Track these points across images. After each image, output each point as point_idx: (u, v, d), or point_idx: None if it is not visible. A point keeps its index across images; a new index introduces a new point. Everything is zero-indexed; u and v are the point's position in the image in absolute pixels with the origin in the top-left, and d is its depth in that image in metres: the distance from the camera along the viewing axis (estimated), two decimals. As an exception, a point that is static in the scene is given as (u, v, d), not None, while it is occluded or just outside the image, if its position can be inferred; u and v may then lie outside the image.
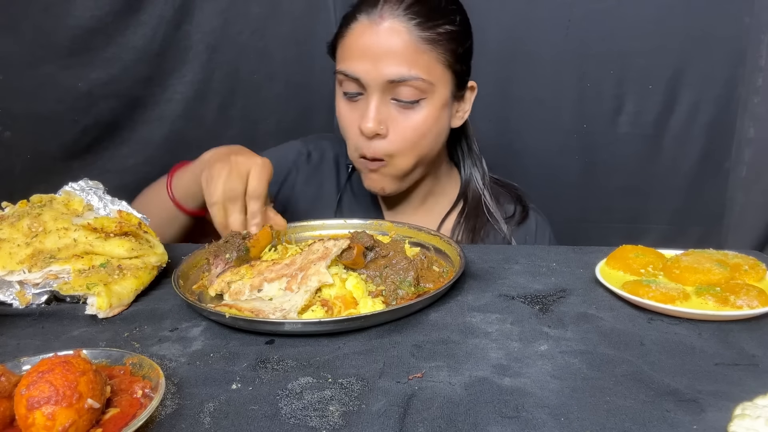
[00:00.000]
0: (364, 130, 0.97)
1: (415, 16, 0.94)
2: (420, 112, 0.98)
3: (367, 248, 0.78)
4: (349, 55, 0.98)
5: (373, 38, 0.95)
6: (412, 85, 0.95)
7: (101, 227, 0.80)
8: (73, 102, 1.13)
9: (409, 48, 0.94)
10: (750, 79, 1.45)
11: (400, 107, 0.98)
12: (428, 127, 1.00)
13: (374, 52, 0.95)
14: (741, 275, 0.74)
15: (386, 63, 0.94)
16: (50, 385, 0.44)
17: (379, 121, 0.97)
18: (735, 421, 0.48)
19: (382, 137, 0.98)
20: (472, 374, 0.57)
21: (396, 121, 0.98)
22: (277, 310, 0.68)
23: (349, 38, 0.98)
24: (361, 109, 0.99)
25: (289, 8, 1.37)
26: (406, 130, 0.98)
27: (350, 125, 1.01)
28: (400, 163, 1.01)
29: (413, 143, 1.00)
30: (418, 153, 1.01)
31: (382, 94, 0.97)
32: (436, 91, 0.98)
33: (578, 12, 1.45)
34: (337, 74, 1.01)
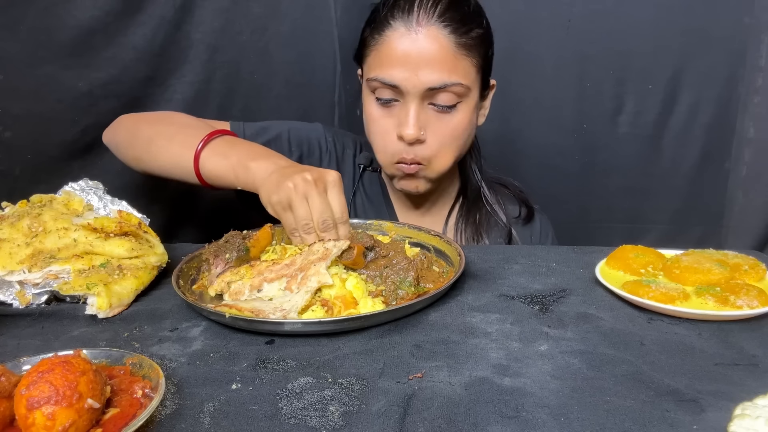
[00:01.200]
0: (406, 137, 0.97)
1: (450, 23, 0.94)
2: (456, 115, 0.99)
3: (367, 248, 0.78)
4: (386, 63, 0.97)
5: (411, 45, 0.94)
6: (451, 91, 0.96)
7: (101, 227, 0.80)
8: (73, 102, 1.13)
9: (447, 55, 0.94)
10: (750, 79, 1.45)
11: (437, 112, 0.98)
12: (464, 129, 1.01)
13: (413, 60, 0.94)
14: (741, 275, 0.74)
15: (426, 70, 0.94)
16: (50, 385, 0.44)
17: (419, 127, 0.97)
18: (735, 421, 0.48)
19: (421, 142, 0.99)
20: (472, 374, 0.57)
21: (434, 126, 0.99)
22: (277, 310, 0.68)
23: (384, 45, 0.97)
24: (396, 116, 0.99)
25: (289, 8, 1.37)
26: (444, 135, 0.99)
27: (386, 131, 1.01)
28: (438, 165, 1.02)
29: (451, 146, 1.01)
30: (454, 154, 1.03)
31: (420, 101, 0.97)
32: (471, 94, 0.99)
33: (578, 12, 1.45)
34: (370, 82, 1.00)
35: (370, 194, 1.18)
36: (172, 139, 0.99)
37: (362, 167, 1.16)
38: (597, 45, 1.46)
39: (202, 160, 0.94)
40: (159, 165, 1.00)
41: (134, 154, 1.03)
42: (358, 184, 1.17)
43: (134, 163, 1.04)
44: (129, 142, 1.04)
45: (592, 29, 1.45)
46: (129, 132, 1.06)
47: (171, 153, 0.98)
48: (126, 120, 1.08)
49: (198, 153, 0.94)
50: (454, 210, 1.16)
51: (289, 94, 1.41)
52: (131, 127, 1.06)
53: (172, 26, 1.26)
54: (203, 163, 0.93)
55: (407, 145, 0.99)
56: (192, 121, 1.04)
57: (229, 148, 0.94)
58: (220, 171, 0.92)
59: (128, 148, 1.04)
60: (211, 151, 0.94)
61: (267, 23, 1.36)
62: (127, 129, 1.06)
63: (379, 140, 1.03)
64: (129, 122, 1.07)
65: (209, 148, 0.94)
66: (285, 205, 0.81)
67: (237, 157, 0.91)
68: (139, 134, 1.03)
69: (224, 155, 0.93)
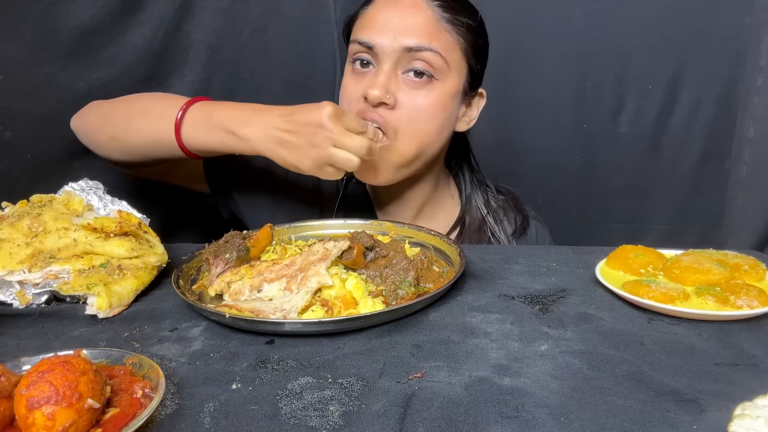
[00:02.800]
0: (370, 96, 0.93)
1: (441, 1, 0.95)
2: (430, 93, 0.96)
3: (367, 248, 0.78)
4: (368, 25, 0.97)
5: (394, 11, 0.95)
6: (426, 59, 0.94)
7: (101, 227, 0.80)
8: (74, 102, 1.13)
9: (430, 22, 0.94)
10: (750, 79, 1.45)
11: (410, 85, 0.95)
12: (435, 112, 0.97)
13: (395, 25, 0.94)
14: (741, 275, 0.74)
15: (406, 33, 0.93)
16: (50, 385, 0.44)
17: (387, 89, 0.93)
18: (735, 421, 0.48)
19: (389, 108, 0.94)
20: (472, 374, 0.57)
21: (403, 97, 0.95)
22: (278, 311, 0.68)
23: (370, 11, 0.98)
24: (367, 80, 0.96)
25: (289, 8, 1.37)
26: (413, 108, 0.95)
27: (353, 95, 0.97)
28: (402, 146, 0.96)
29: (418, 124, 0.96)
30: (420, 139, 0.97)
31: (394, 66, 0.95)
32: (449, 76, 0.97)
33: (578, 12, 1.45)
34: (350, 45, 0.99)
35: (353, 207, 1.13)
36: (149, 111, 0.96)
37: (345, 179, 1.10)
38: (597, 45, 1.46)
39: (184, 128, 0.91)
40: (137, 141, 0.97)
41: (110, 134, 0.99)
42: (342, 197, 1.12)
43: (109, 144, 1.00)
44: (101, 124, 1.01)
45: (592, 29, 1.45)
46: (101, 113, 1.03)
47: (150, 125, 0.94)
48: (96, 104, 1.05)
49: (179, 121, 0.91)
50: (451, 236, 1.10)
51: (289, 94, 1.41)
52: (104, 109, 1.03)
53: (172, 26, 1.26)
54: (185, 130, 0.91)
55: (371, 107, 0.94)
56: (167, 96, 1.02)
57: (210, 111, 0.91)
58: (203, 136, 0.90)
59: (100, 129, 1.01)
60: (191, 116, 0.91)
61: (267, 23, 1.36)
62: (98, 111, 1.03)
63: (343, 102, 1.00)
64: (101, 105, 1.04)
65: (189, 114, 0.91)
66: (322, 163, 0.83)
67: (221, 120, 0.89)
68: (113, 114, 1.00)
69: (204, 120, 0.90)
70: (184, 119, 0.91)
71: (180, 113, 0.91)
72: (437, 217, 1.13)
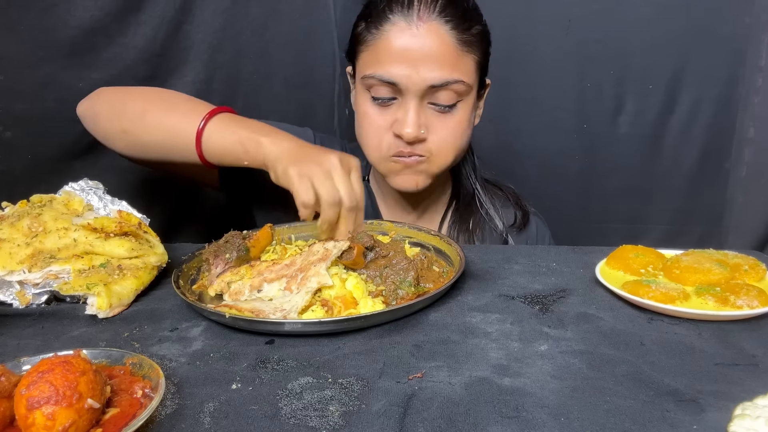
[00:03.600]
0: (406, 136, 0.94)
1: (452, 18, 0.92)
2: (456, 115, 0.97)
3: (367, 248, 0.78)
4: (384, 59, 0.93)
5: (412, 40, 0.91)
6: (452, 89, 0.94)
7: (101, 227, 0.80)
8: (74, 102, 1.13)
9: (449, 51, 0.92)
10: (750, 79, 1.45)
11: (437, 111, 0.96)
12: (464, 128, 0.99)
13: (414, 56, 0.91)
14: (741, 275, 0.74)
15: (428, 67, 0.91)
16: (50, 385, 0.44)
17: (419, 125, 0.94)
18: (735, 421, 0.48)
19: (422, 141, 0.96)
20: (472, 374, 0.57)
21: (434, 126, 0.96)
22: (278, 311, 0.68)
23: (382, 40, 0.93)
24: (394, 114, 0.96)
25: (289, 8, 1.37)
26: (445, 134, 0.97)
27: (380, 128, 0.97)
28: (440, 161, 0.99)
29: (453, 146, 0.99)
30: (455, 154, 1.00)
31: (420, 100, 0.94)
32: (471, 93, 0.98)
33: (578, 12, 1.45)
34: (366, 79, 0.95)
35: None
36: (171, 110, 0.94)
37: None
38: (597, 45, 1.46)
39: (207, 133, 0.89)
40: (151, 139, 0.94)
41: (122, 126, 0.96)
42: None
43: (120, 137, 0.97)
44: (114, 114, 0.98)
45: (592, 29, 1.45)
46: (114, 103, 0.99)
47: (169, 125, 0.92)
48: (109, 92, 1.01)
49: (203, 127, 0.89)
50: (447, 216, 1.13)
51: (289, 94, 1.41)
52: (117, 98, 1.00)
53: (172, 26, 1.26)
54: (208, 136, 0.89)
55: (407, 144, 0.96)
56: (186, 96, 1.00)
57: (236, 123, 0.90)
58: (226, 145, 0.88)
59: (112, 119, 0.98)
60: (216, 124, 0.90)
61: (267, 23, 1.36)
62: (111, 100, 1.00)
63: (372, 137, 0.99)
64: (113, 94, 1.01)
65: (214, 122, 0.90)
66: (304, 177, 0.80)
67: (247, 132, 0.88)
68: (128, 105, 0.97)
69: (232, 129, 0.89)
70: (209, 124, 0.90)
71: (204, 119, 0.90)
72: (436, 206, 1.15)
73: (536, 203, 1.21)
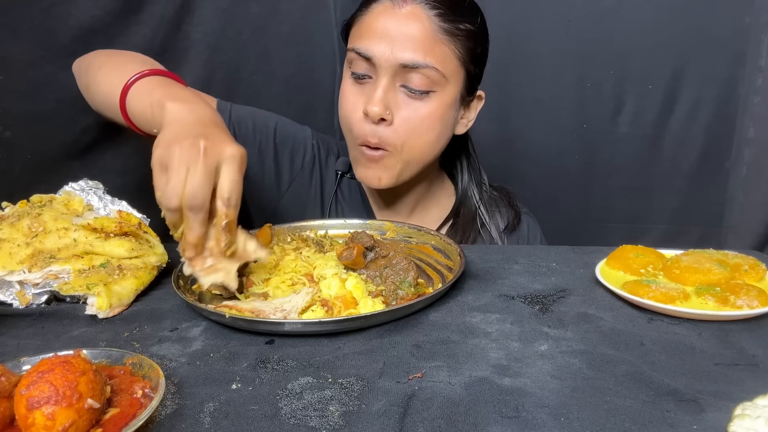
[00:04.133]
0: (370, 112, 0.94)
1: (438, 6, 0.93)
2: (428, 104, 0.96)
3: (367, 248, 0.78)
4: (365, 34, 0.95)
5: (392, 20, 0.93)
6: (424, 74, 0.93)
7: (101, 227, 0.80)
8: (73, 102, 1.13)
9: (427, 35, 0.92)
10: (750, 79, 1.45)
11: (408, 96, 0.95)
12: (434, 122, 0.97)
13: (391, 35, 0.92)
14: (741, 275, 0.74)
15: (402, 46, 0.92)
16: (50, 385, 0.44)
17: (385, 105, 0.94)
18: (735, 421, 0.48)
19: (387, 123, 0.95)
20: (472, 374, 0.57)
21: (402, 110, 0.95)
22: (278, 311, 0.68)
23: (368, 17, 0.96)
24: (367, 93, 0.96)
25: (289, 8, 1.37)
26: (412, 120, 0.96)
27: (354, 109, 0.98)
28: (405, 155, 0.98)
29: (418, 135, 0.97)
30: (420, 148, 0.99)
31: (392, 79, 0.94)
32: (447, 86, 0.96)
33: (578, 12, 1.45)
34: (348, 52, 0.98)
35: (349, 203, 1.14)
36: (117, 69, 0.90)
37: (339, 173, 1.12)
38: (597, 45, 1.46)
39: (130, 94, 0.83)
40: (97, 95, 0.94)
41: (85, 82, 0.98)
42: (336, 192, 1.13)
43: (85, 94, 1.00)
44: (85, 69, 1.00)
45: (592, 29, 1.45)
46: (91, 62, 1.00)
47: (108, 82, 0.90)
48: (96, 52, 1.02)
49: (128, 86, 0.83)
50: (443, 228, 1.12)
51: (289, 94, 1.42)
52: (95, 56, 1.01)
53: (172, 26, 1.26)
54: (130, 97, 0.83)
55: (372, 125, 0.95)
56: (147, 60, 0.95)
57: (159, 86, 0.82)
58: (140, 107, 0.82)
59: (83, 75, 1.00)
60: (141, 86, 0.83)
61: (267, 23, 1.36)
62: (91, 58, 1.01)
63: (346, 119, 1.00)
64: (97, 54, 1.02)
65: (141, 83, 0.83)
66: (162, 166, 0.66)
67: (160, 96, 0.77)
68: (94, 62, 0.98)
69: (150, 92, 0.81)
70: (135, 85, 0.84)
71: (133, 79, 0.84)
72: (430, 212, 1.14)
73: (536, 203, 1.21)
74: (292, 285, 0.75)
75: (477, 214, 1.11)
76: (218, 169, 0.66)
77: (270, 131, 1.09)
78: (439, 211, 1.14)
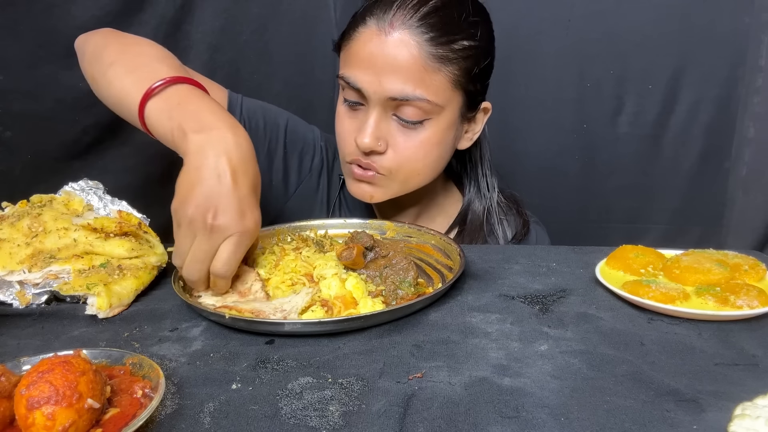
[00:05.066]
0: (360, 145, 0.91)
1: (429, 30, 0.87)
2: (422, 132, 0.92)
3: (367, 248, 0.78)
4: (353, 62, 0.91)
5: (378, 48, 0.88)
6: (415, 106, 0.89)
7: (101, 227, 0.80)
8: (73, 102, 1.13)
9: (416, 65, 0.87)
10: (750, 79, 1.45)
11: (401, 126, 0.92)
12: (431, 147, 0.94)
13: (378, 65, 0.88)
14: (741, 275, 0.74)
15: (390, 78, 0.87)
16: (50, 385, 0.44)
17: (377, 137, 0.91)
18: (735, 421, 0.48)
19: (380, 153, 0.93)
20: (472, 374, 0.57)
21: (396, 139, 0.92)
22: (278, 311, 0.68)
23: (355, 43, 0.91)
24: (360, 120, 0.93)
25: (289, 8, 1.37)
26: (406, 150, 0.93)
27: (347, 134, 0.95)
28: (401, 178, 0.96)
29: (414, 162, 0.94)
30: (418, 173, 0.96)
31: (383, 110, 0.91)
32: (443, 113, 0.92)
33: (578, 12, 1.45)
34: (339, 78, 0.94)
35: (352, 209, 1.13)
36: (132, 71, 0.83)
37: (342, 178, 1.09)
38: (597, 45, 1.46)
39: (148, 110, 0.79)
40: (108, 95, 0.88)
41: (91, 73, 0.91)
42: (340, 197, 1.12)
43: (90, 82, 0.93)
44: (93, 58, 0.91)
45: (592, 29, 1.45)
46: (98, 47, 0.92)
47: (121, 86, 0.83)
48: (104, 33, 0.95)
49: (145, 98, 0.78)
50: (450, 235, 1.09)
51: (289, 94, 1.42)
52: (103, 42, 0.92)
53: (172, 26, 1.26)
54: (149, 113, 0.79)
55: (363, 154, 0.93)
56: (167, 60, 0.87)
57: (178, 105, 0.77)
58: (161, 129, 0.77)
59: (89, 63, 0.92)
60: (159, 103, 0.78)
61: (267, 23, 1.36)
62: (98, 43, 0.93)
63: (340, 140, 0.98)
64: (105, 36, 0.94)
65: (158, 99, 0.78)
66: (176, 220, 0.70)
67: (180, 121, 0.74)
68: (104, 53, 0.89)
69: (170, 113, 0.76)
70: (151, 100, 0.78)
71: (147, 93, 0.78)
72: (435, 220, 1.13)
73: (536, 203, 1.21)
74: (292, 285, 0.75)
75: (484, 222, 1.08)
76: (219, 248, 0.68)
77: (281, 130, 1.08)
78: (444, 219, 1.13)
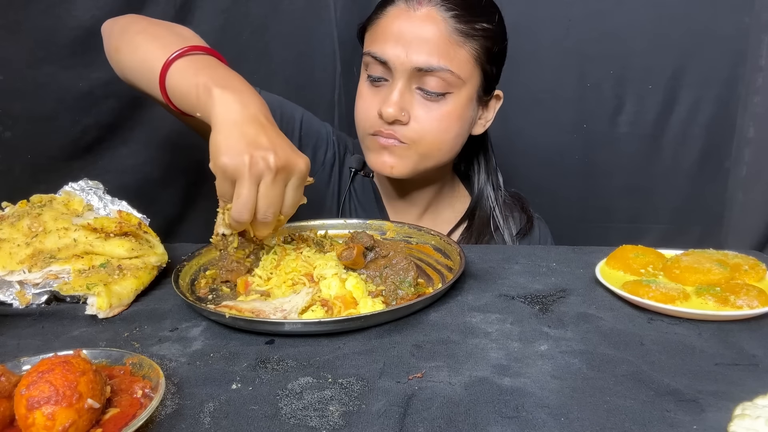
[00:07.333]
0: (384, 113, 0.94)
1: (454, 8, 0.93)
2: (444, 105, 0.96)
3: (367, 248, 0.78)
4: (380, 38, 0.96)
5: (407, 23, 0.93)
6: (439, 77, 0.93)
7: (101, 227, 0.80)
8: (74, 102, 1.13)
9: (442, 37, 0.92)
10: (750, 78, 1.45)
11: (424, 98, 0.95)
12: (451, 121, 0.98)
13: (406, 38, 0.93)
14: (741, 275, 0.74)
15: (417, 50, 0.92)
16: (50, 385, 0.44)
17: (401, 107, 0.94)
18: (735, 421, 0.48)
19: (403, 124, 0.96)
20: (472, 374, 0.57)
21: (419, 111, 0.96)
22: (278, 311, 0.68)
23: (383, 20, 0.96)
24: (383, 95, 0.96)
25: (289, 8, 1.37)
26: (428, 122, 0.96)
27: (369, 108, 0.98)
28: (422, 149, 0.98)
29: (435, 134, 0.97)
30: (437, 147, 0.99)
31: (407, 81, 0.95)
32: (464, 87, 0.96)
33: (578, 12, 1.45)
34: (365, 56, 0.98)
35: (362, 201, 1.14)
36: (158, 38, 0.83)
37: (353, 170, 1.13)
38: (597, 45, 1.46)
39: (172, 70, 0.77)
40: (131, 59, 0.87)
41: (116, 44, 0.90)
42: (350, 190, 1.14)
43: (113, 56, 0.91)
44: (120, 30, 0.91)
45: (592, 29, 1.46)
46: (127, 22, 0.93)
47: (145, 50, 0.82)
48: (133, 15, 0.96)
49: (171, 60, 0.77)
50: (457, 231, 1.12)
51: (289, 94, 1.41)
52: (134, 19, 0.94)
53: (172, 26, 1.26)
54: (172, 73, 0.77)
55: (386, 124, 0.96)
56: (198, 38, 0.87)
57: (206, 67, 0.77)
58: (184, 87, 0.76)
59: (116, 37, 0.91)
60: (185, 63, 0.77)
61: (267, 23, 1.36)
62: (128, 20, 0.94)
63: (361, 114, 1.00)
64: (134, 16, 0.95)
65: (185, 60, 0.77)
66: (229, 177, 0.68)
67: (207, 78, 0.73)
68: (132, 25, 0.90)
69: (195, 71, 0.76)
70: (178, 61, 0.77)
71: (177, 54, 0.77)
72: (442, 215, 1.14)
73: (536, 203, 1.21)
74: (292, 285, 0.75)
75: (492, 217, 1.10)
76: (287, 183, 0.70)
77: (296, 123, 1.10)
78: (451, 214, 1.14)
